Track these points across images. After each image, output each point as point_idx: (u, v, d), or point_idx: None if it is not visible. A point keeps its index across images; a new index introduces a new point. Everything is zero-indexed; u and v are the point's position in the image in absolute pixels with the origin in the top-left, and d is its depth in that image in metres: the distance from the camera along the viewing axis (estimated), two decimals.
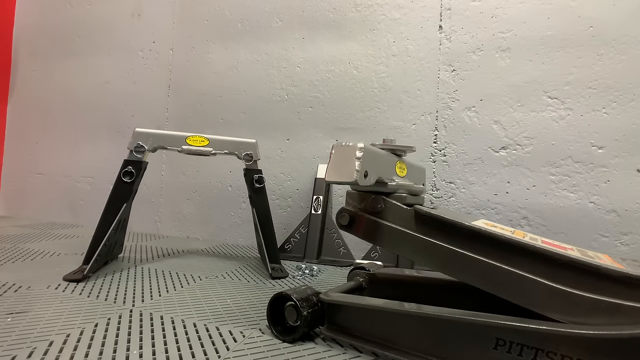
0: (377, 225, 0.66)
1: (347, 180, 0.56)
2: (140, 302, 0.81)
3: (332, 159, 0.58)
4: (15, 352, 0.56)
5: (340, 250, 1.36)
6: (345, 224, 0.67)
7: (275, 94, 1.61)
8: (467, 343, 0.53)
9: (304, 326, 0.63)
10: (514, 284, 0.55)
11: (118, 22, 1.91)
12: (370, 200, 0.66)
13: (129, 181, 1.03)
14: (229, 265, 1.20)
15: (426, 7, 1.40)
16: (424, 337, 0.57)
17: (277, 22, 1.61)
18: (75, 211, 1.94)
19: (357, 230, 0.67)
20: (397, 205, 0.65)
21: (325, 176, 0.59)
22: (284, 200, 1.57)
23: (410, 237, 0.63)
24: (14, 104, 2.14)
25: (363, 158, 0.56)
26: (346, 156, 0.57)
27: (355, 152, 0.56)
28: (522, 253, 0.56)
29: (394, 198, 0.67)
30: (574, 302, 0.51)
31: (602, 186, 1.18)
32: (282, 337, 0.65)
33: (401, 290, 0.80)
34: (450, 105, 1.36)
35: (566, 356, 0.47)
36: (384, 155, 0.68)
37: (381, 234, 0.66)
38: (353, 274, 0.85)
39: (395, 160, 0.72)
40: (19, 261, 1.10)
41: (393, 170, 0.70)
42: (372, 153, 0.61)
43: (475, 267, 0.58)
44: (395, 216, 0.65)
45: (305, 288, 0.68)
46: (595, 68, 1.20)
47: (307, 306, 0.63)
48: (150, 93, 1.83)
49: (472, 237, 0.59)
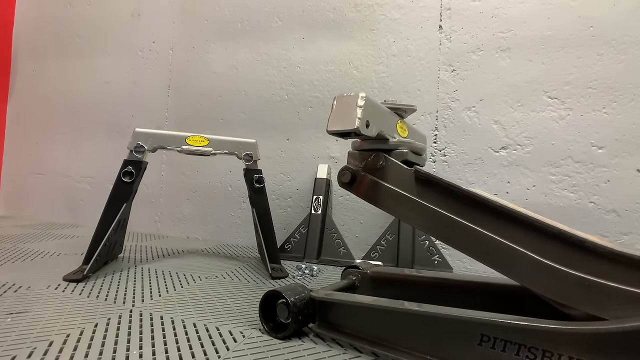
0: (376, 186, 0.65)
1: (349, 127, 0.56)
2: (140, 302, 0.81)
3: (334, 109, 0.59)
4: (15, 352, 0.55)
5: (340, 250, 1.36)
6: (346, 181, 0.67)
7: (275, 94, 1.61)
8: (453, 339, 0.54)
9: (295, 323, 0.63)
10: (503, 255, 0.56)
11: (118, 22, 1.91)
12: (372, 157, 0.65)
13: (128, 181, 1.03)
14: (229, 265, 1.20)
15: (426, 7, 1.40)
16: (412, 333, 0.58)
17: (277, 22, 1.61)
18: (75, 211, 1.94)
19: (357, 190, 0.67)
20: (397, 165, 0.64)
21: (327, 126, 0.58)
22: (284, 200, 1.57)
23: (408, 200, 0.63)
24: (14, 104, 2.14)
25: (365, 106, 0.56)
26: (348, 105, 0.57)
27: (357, 101, 0.57)
28: (514, 221, 0.56)
29: (395, 155, 0.65)
30: (559, 278, 0.51)
31: (602, 186, 1.18)
32: (274, 334, 0.66)
33: (394, 289, 0.80)
34: (450, 105, 1.36)
35: (547, 351, 0.47)
36: (386, 111, 0.67)
37: (380, 194, 0.65)
38: (346, 273, 0.86)
39: (397, 120, 0.70)
40: (19, 261, 1.10)
41: (394, 128, 0.68)
42: (374, 105, 0.61)
43: (468, 235, 0.58)
44: (395, 176, 0.64)
45: (297, 286, 0.68)
46: (595, 68, 1.20)
47: (298, 304, 0.64)
48: (150, 93, 1.83)
49: (468, 203, 0.59)
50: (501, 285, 0.71)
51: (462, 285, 0.75)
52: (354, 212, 1.46)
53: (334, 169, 1.50)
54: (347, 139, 0.63)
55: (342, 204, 1.48)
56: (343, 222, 1.47)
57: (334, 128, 0.57)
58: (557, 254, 0.52)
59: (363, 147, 0.67)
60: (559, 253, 0.52)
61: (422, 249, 1.26)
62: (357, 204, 1.46)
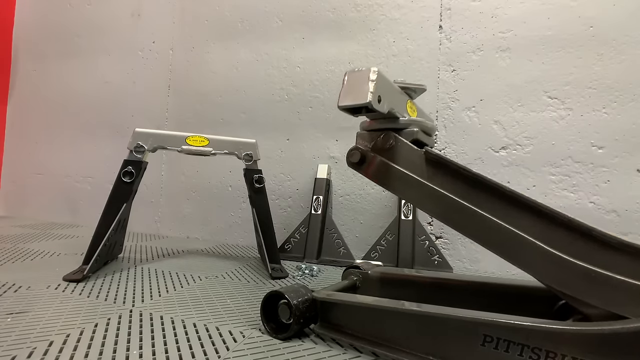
0: (386, 167, 0.64)
1: (361, 101, 0.54)
2: (140, 302, 0.80)
3: (345, 84, 0.57)
4: (15, 352, 0.55)
5: (340, 250, 1.36)
6: (355, 161, 0.65)
7: (275, 94, 1.61)
8: (456, 340, 0.53)
9: (297, 323, 0.63)
10: (511, 243, 0.55)
11: (118, 22, 1.91)
12: (382, 137, 0.63)
13: (128, 181, 1.03)
14: (229, 265, 1.20)
15: (426, 7, 1.40)
16: (414, 334, 0.57)
17: (277, 22, 1.61)
18: (75, 211, 1.94)
19: (366, 171, 0.65)
20: (407, 145, 0.62)
21: (339, 102, 0.57)
22: (284, 200, 1.57)
23: (417, 183, 0.61)
24: (14, 104, 2.14)
25: (377, 81, 0.55)
26: (360, 79, 0.56)
27: (370, 75, 0.55)
28: (522, 207, 0.55)
29: (405, 135, 0.64)
30: (567, 268, 0.51)
31: (602, 186, 1.18)
32: (275, 335, 0.65)
33: (395, 289, 0.80)
34: (450, 105, 1.36)
35: (551, 352, 0.47)
36: (396, 89, 0.65)
37: (389, 176, 0.63)
38: (347, 273, 0.86)
39: (406, 99, 0.69)
40: (19, 261, 1.10)
41: (404, 107, 0.67)
42: (386, 80, 0.59)
43: (476, 221, 0.57)
44: (405, 157, 0.62)
45: (299, 286, 0.68)
46: (595, 68, 1.20)
47: (300, 304, 0.64)
48: (150, 93, 1.83)
49: (477, 186, 0.58)
50: (501, 285, 0.71)
51: (462, 285, 0.75)
52: (354, 212, 1.46)
53: (334, 169, 1.50)
54: (358, 117, 0.61)
55: (342, 204, 1.48)
56: (343, 222, 1.47)
57: (346, 103, 0.56)
58: (564, 242, 0.52)
59: (372, 127, 0.66)
60: (566, 242, 0.51)
61: (422, 249, 1.26)
62: (357, 204, 1.46)
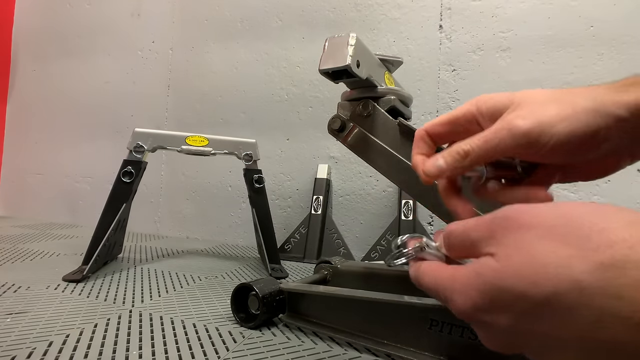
0: (361, 136, 0.67)
1: (341, 64, 0.58)
2: (139, 303, 0.80)
3: (325, 49, 0.62)
4: (15, 352, 0.55)
5: (340, 251, 1.35)
6: (335, 128, 0.69)
7: (275, 94, 1.61)
8: (408, 324, 0.60)
9: (265, 313, 0.69)
10: None
11: (118, 22, 1.91)
12: (361, 105, 0.67)
13: (128, 181, 1.03)
14: (228, 266, 1.20)
15: (426, 7, 1.40)
16: (371, 320, 0.63)
17: (277, 22, 1.61)
18: (75, 211, 1.94)
19: (344, 139, 0.69)
20: (383, 114, 0.65)
21: (319, 66, 0.60)
22: (284, 200, 1.56)
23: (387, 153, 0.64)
24: (13, 104, 2.14)
25: (356, 46, 0.59)
26: (339, 44, 0.60)
27: (349, 39, 0.60)
28: None
29: (382, 103, 0.67)
30: None
31: (602, 186, 1.18)
32: (245, 324, 0.70)
33: (363, 282, 0.84)
34: (450, 105, 1.36)
35: None
36: (375, 59, 0.68)
37: (365, 145, 0.67)
38: (318, 268, 0.90)
39: (384, 71, 0.72)
40: (18, 261, 1.10)
41: (382, 77, 0.70)
42: (365, 48, 0.63)
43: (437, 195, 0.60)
44: (380, 126, 0.66)
45: (267, 279, 0.74)
46: (596, 68, 1.20)
47: (267, 295, 0.70)
48: (149, 93, 1.82)
49: None
50: None
51: None
52: (354, 212, 1.46)
53: (334, 169, 1.50)
54: (338, 82, 0.65)
55: (342, 204, 1.48)
56: (343, 222, 1.47)
57: (326, 66, 0.60)
58: None
59: (352, 96, 0.69)
60: None
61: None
62: (357, 204, 1.46)
